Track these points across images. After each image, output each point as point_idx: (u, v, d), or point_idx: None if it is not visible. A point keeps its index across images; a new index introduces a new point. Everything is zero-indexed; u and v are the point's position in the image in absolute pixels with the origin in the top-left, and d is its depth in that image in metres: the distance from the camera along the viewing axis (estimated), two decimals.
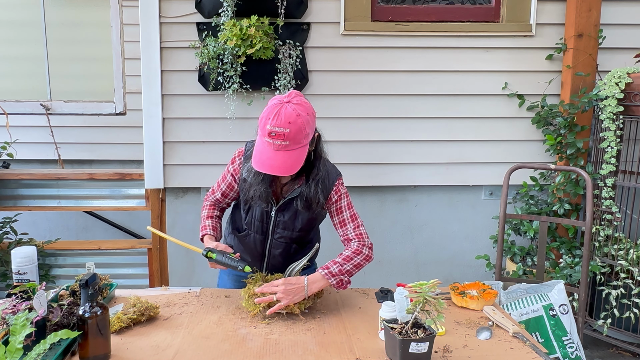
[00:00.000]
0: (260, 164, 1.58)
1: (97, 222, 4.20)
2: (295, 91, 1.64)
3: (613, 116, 2.73)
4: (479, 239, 3.26)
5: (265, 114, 1.57)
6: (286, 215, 1.77)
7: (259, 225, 1.81)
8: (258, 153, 1.60)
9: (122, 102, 3.09)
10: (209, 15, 2.85)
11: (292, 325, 1.57)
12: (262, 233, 1.82)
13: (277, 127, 1.53)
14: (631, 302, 2.68)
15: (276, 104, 1.56)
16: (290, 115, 1.54)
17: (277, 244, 1.82)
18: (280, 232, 1.80)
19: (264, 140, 1.57)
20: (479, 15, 3.05)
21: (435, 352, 1.39)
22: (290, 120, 1.53)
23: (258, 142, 1.62)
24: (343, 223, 1.79)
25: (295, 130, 1.54)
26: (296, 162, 1.58)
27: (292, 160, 1.57)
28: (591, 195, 2.46)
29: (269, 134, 1.54)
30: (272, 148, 1.56)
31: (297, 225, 1.78)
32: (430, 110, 3.08)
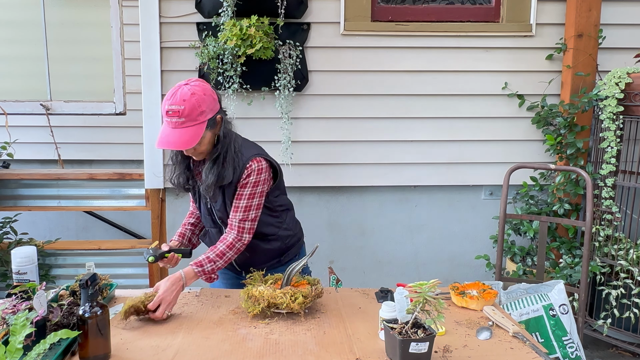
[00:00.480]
0: (159, 142, 1.66)
1: (97, 222, 4.20)
2: (196, 78, 1.74)
3: (613, 116, 2.73)
4: (479, 239, 3.26)
5: (165, 96, 1.68)
6: (218, 202, 1.83)
7: (209, 219, 1.90)
8: (160, 134, 1.68)
9: (122, 102, 3.09)
10: (209, 15, 2.85)
11: (292, 325, 1.57)
12: (214, 225, 1.90)
13: (173, 105, 1.64)
14: (631, 302, 2.68)
15: (175, 87, 1.68)
16: (185, 94, 1.65)
17: None
18: (223, 220, 1.85)
19: (165, 121, 1.67)
20: (479, 15, 3.05)
21: (435, 352, 1.39)
22: (184, 99, 1.64)
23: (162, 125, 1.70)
24: (235, 209, 1.78)
25: (190, 107, 1.63)
26: (192, 138, 1.65)
27: (188, 136, 1.65)
28: (591, 195, 2.46)
29: (166, 112, 1.65)
30: (170, 126, 1.66)
31: (229, 211, 1.80)
32: (430, 110, 3.08)
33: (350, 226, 3.20)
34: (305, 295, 1.60)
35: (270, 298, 1.58)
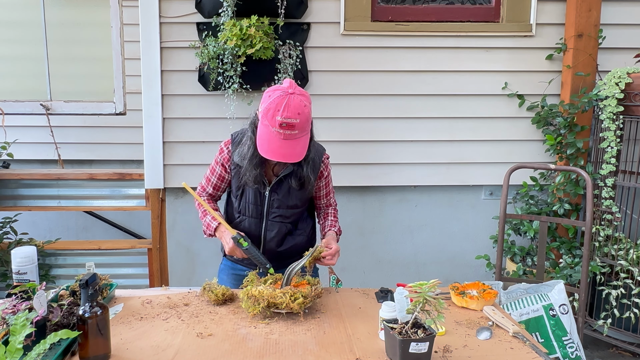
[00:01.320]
0: (270, 153, 1.67)
1: (97, 222, 4.20)
2: (290, 79, 1.73)
3: (613, 116, 2.73)
4: (479, 239, 3.26)
5: (273, 105, 1.64)
6: (280, 193, 1.86)
7: (254, 208, 1.89)
8: (266, 143, 1.67)
9: (122, 102, 3.09)
10: (209, 15, 2.85)
11: (292, 325, 1.57)
12: (257, 215, 1.89)
13: (288, 118, 1.62)
14: (631, 302, 2.68)
15: (281, 95, 1.65)
16: (298, 106, 1.64)
17: (272, 224, 1.90)
18: (275, 212, 1.88)
19: (273, 130, 1.65)
20: (479, 15, 3.05)
21: (435, 352, 1.39)
22: (299, 111, 1.64)
23: (263, 131, 1.68)
24: (327, 194, 2.01)
25: (304, 120, 1.66)
26: (303, 149, 1.70)
27: (300, 147, 1.69)
28: (591, 195, 2.46)
29: (280, 124, 1.63)
30: (280, 137, 1.65)
31: (291, 202, 1.88)
32: (430, 110, 3.08)
33: (350, 226, 3.20)
34: (304, 295, 1.60)
35: (270, 298, 1.58)
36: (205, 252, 3.18)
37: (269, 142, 1.67)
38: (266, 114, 1.66)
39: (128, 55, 3.17)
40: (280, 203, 1.87)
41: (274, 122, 1.63)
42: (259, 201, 1.88)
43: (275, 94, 1.66)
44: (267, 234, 1.91)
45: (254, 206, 1.89)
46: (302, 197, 1.90)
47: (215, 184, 1.96)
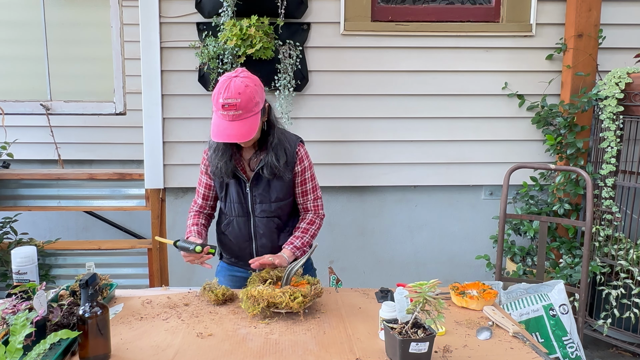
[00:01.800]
0: (217, 135, 1.70)
1: (97, 222, 4.20)
2: (241, 68, 1.79)
3: (613, 116, 2.73)
4: (479, 239, 3.26)
5: (217, 90, 1.70)
6: (260, 187, 1.88)
7: (239, 207, 1.91)
8: (215, 126, 1.71)
9: (122, 102, 3.09)
10: (209, 15, 2.85)
11: (292, 325, 1.57)
12: (244, 214, 1.92)
13: (229, 98, 1.66)
14: (631, 302, 2.68)
15: (225, 80, 1.70)
16: (239, 87, 1.68)
17: (260, 220, 1.91)
18: (259, 207, 1.89)
19: (219, 114, 1.70)
20: (479, 15, 3.05)
21: (435, 352, 1.39)
22: (240, 91, 1.67)
23: (214, 117, 1.73)
24: (305, 193, 1.95)
25: (246, 99, 1.67)
26: (250, 129, 1.70)
27: (247, 127, 1.70)
28: (591, 195, 2.46)
29: (222, 106, 1.67)
30: (226, 119, 1.69)
31: (273, 195, 1.88)
32: (430, 110, 3.08)
33: (350, 226, 3.20)
34: (304, 294, 1.60)
35: (270, 297, 1.58)
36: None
37: (217, 125, 1.70)
38: (213, 100, 1.71)
39: (128, 55, 3.17)
40: (263, 197, 1.88)
41: (218, 105, 1.68)
42: (242, 199, 1.90)
43: (222, 79, 1.71)
44: (256, 232, 1.93)
45: (238, 205, 1.91)
46: (283, 189, 1.89)
47: (203, 193, 2.00)
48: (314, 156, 3.04)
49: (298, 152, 1.90)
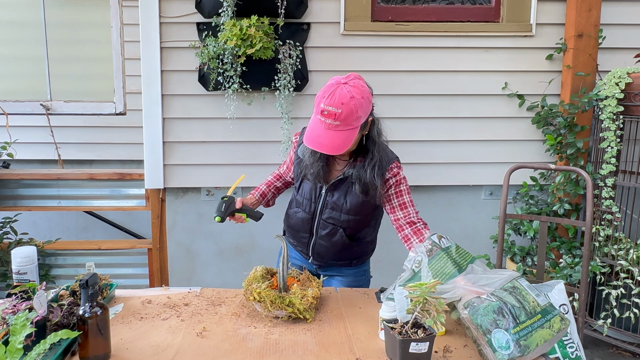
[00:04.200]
0: (310, 140, 1.63)
1: (97, 222, 4.20)
2: (355, 74, 1.68)
3: (613, 116, 2.73)
4: (479, 239, 3.26)
5: (322, 93, 1.61)
6: (336, 195, 1.81)
7: (307, 204, 1.87)
8: (310, 129, 1.65)
9: (122, 102, 3.09)
10: (209, 15, 2.85)
11: (292, 325, 1.57)
12: (310, 212, 1.87)
13: (329, 106, 1.57)
14: (631, 302, 2.68)
15: (333, 84, 1.61)
16: (344, 97, 1.57)
17: (324, 225, 1.86)
18: (328, 212, 1.84)
19: (317, 117, 1.62)
20: (479, 15, 3.05)
21: (435, 352, 1.39)
22: (343, 102, 1.57)
23: (312, 119, 1.66)
24: (404, 206, 1.82)
25: (347, 112, 1.57)
26: (344, 143, 1.61)
27: (341, 140, 1.60)
28: (591, 195, 2.46)
29: (321, 112, 1.59)
30: (323, 126, 1.61)
31: (346, 206, 1.80)
32: (430, 110, 3.08)
33: None
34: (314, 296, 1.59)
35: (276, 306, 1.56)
36: (205, 252, 3.18)
37: (313, 129, 1.63)
38: (315, 101, 1.64)
39: (128, 55, 3.17)
40: (334, 205, 1.81)
41: (318, 108, 1.60)
42: (314, 197, 1.85)
43: (330, 82, 1.63)
44: (318, 231, 1.89)
45: (308, 201, 1.86)
46: (360, 206, 1.80)
47: (285, 169, 2.03)
48: None
49: (391, 169, 1.79)
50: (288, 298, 1.56)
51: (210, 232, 3.17)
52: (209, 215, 3.15)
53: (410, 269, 1.57)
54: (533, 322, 1.33)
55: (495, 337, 1.29)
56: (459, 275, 1.50)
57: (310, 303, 1.57)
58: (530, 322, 1.32)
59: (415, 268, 1.57)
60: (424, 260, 1.57)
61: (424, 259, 1.57)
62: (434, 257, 1.56)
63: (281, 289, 1.62)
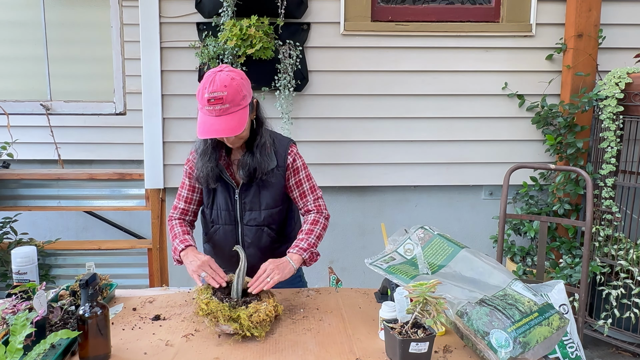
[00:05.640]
0: (204, 132, 1.60)
1: (97, 222, 4.20)
2: (224, 64, 1.71)
3: (613, 116, 2.73)
4: (479, 239, 3.26)
5: (201, 86, 1.61)
6: (250, 193, 1.79)
7: (226, 215, 1.83)
8: (201, 124, 1.62)
9: (122, 102, 3.09)
10: (209, 15, 2.85)
11: (292, 325, 1.57)
12: (231, 222, 1.83)
13: (214, 92, 1.57)
14: (631, 302, 2.68)
15: (210, 74, 1.61)
16: (224, 80, 1.58)
17: (249, 229, 1.83)
18: (248, 215, 1.81)
19: (205, 110, 1.61)
20: (479, 15, 3.05)
21: (435, 352, 1.39)
22: (226, 84, 1.58)
23: (199, 116, 1.64)
24: (303, 195, 1.85)
25: (232, 92, 1.58)
26: (239, 123, 1.61)
27: (235, 122, 1.60)
28: (591, 195, 2.46)
29: (207, 101, 1.58)
30: (213, 115, 1.60)
31: (263, 201, 1.80)
32: (430, 110, 3.08)
33: (350, 226, 3.20)
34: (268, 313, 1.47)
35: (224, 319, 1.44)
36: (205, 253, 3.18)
37: (204, 123, 1.61)
38: (198, 96, 1.62)
39: (128, 55, 3.17)
40: (252, 204, 1.79)
41: (203, 100, 1.59)
42: (230, 206, 1.81)
43: (205, 76, 1.62)
44: (244, 241, 1.84)
45: (225, 212, 1.82)
46: (274, 195, 1.80)
47: (186, 196, 1.88)
48: (314, 156, 3.06)
49: (290, 153, 1.81)
50: (238, 312, 1.45)
51: None
52: None
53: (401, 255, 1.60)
54: (530, 320, 1.33)
55: (494, 337, 1.29)
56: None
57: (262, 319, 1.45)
58: (528, 320, 1.33)
59: (408, 255, 1.60)
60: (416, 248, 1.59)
61: (416, 247, 1.60)
62: (428, 243, 1.60)
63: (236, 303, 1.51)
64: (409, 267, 1.58)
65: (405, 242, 1.68)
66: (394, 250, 1.67)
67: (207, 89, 1.58)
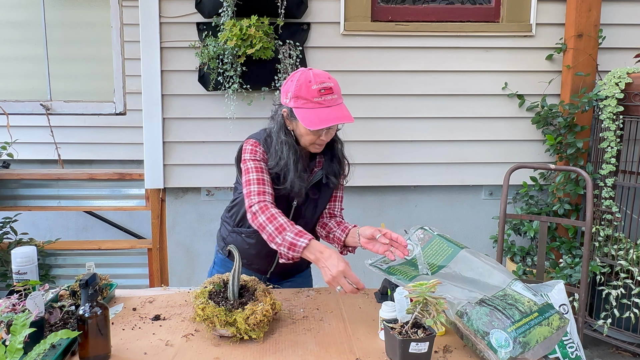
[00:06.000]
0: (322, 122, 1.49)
1: (97, 222, 4.20)
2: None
3: (613, 116, 2.73)
4: (479, 239, 3.26)
5: (303, 80, 1.53)
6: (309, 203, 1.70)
7: None
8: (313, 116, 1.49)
9: (122, 102, 3.09)
10: (209, 15, 2.85)
11: (292, 325, 1.57)
12: None
13: (323, 82, 1.51)
14: (631, 302, 2.68)
15: (304, 71, 1.56)
16: (322, 73, 1.54)
17: None
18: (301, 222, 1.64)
19: (314, 102, 1.51)
20: (479, 15, 3.05)
21: (435, 352, 1.39)
22: (328, 76, 1.54)
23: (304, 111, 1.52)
24: (335, 199, 1.82)
25: (335, 83, 1.56)
26: (349, 113, 1.55)
27: (346, 111, 1.55)
28: (591, 195, 2.46)
29: (319, 91, 1.50)
30: (324, 105, 1.52)
31: (317, 210, 1.74)
32: (430, 110, 3.08)
33: None
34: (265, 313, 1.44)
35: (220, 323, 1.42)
36: (205, 252, 3.18)
37: (316, 115, 1.49)
38: (301, 91, 1.51)
39: (128, 55, 3.17)
40: (308, 214, 1.72)
41: (311, 92, 1.50)
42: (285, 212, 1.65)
43: (296, 75, 1.56)
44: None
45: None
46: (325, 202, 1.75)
47: (269, 180, 1.61)
48: None
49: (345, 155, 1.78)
50: (234, 315, 1.42)
51: (210, 232, 3.17)
52: (208, 215, 3.15)
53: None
54: (530, 320, 1.33)
55: (494, 336, 1.29)
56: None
57: (259, 321, 1.42)
58: (527, 320, 1.33)
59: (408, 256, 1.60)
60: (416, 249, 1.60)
61: (415, 248, 1.61)
62: (428, 244, 1.61)
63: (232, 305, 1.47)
64: (409, 268, 1.58)
65: None
66: None
67: (314, 81, 1.51)
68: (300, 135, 1.62)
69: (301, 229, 1.50)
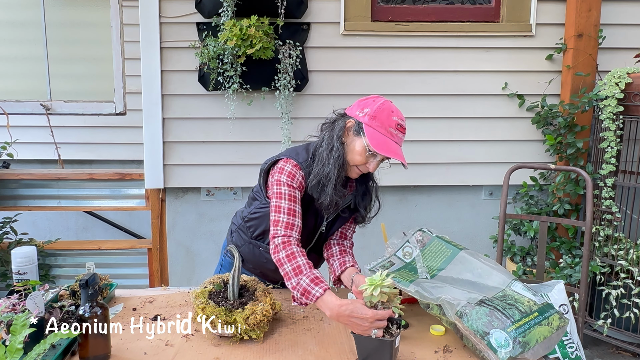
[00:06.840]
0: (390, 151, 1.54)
1: (97, 222, 4.20)
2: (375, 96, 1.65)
3: (613, 116, 2.73)
4: (479, 239, 3.26)
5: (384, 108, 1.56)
6: (335, 223, 1.77)
7: (305, 239, 1.69)
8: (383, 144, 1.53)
9: (122, 102, 3.09)
10: (209, 15, 2.85)
11: (292, 325, 1.57)
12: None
13: (402, 120, 1.58)
14: (631, 302, 2.68)
15: (387, 100, 1.59)
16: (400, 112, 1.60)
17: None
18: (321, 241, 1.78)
19: (389, 131, 1.55)
20: (479, 15, 3.05)
21: (435, 352, 1.39)
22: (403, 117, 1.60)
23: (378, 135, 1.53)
24: (352, 221, 1.86)
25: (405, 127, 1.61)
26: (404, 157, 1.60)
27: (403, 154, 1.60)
28: (591, 195, 2.46)
29: (397, 125, 1.56)
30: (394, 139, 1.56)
31: (332, 231, 1.79)
32: (430, 110, 3.08)
33: None
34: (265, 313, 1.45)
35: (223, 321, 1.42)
36: (205, 252, 3.19)
37: (386, 144, 1.53)
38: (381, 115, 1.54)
39: (128, 55, 3.17)
40: (329, 234, 1.79)
41: (390, 122, 1.54)
42: (310, 233, 1.72)
43: (379, 99, 1.58)
44: None
45: (305, 238, 1.69)
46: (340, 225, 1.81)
47: (300, 212, 1.58)
48: None
49: None
50: (234, 315, 1.43)
51: (210, 232, 3.17)
52: (208, 215, 3.15)
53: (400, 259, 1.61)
54: (530, 320, 1.33)
55: (494, 336, 1.29)
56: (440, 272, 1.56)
57: (259, 321, 1.43)
58: (527, 320, 1.33)
59: (407, 259, 1.60)
60: (415, 251, 1.60)
61: (414, 250, 1.61)
62: (426, 246, 1.61)
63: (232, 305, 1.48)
64: (408, 273, 1.58)
65: (404, 245, 1.69)
66: (393, 254, 1.68)
67: (395, 114, 1.56)
68: (352, 151, 1.61)
69: (318, 275, 1.45)
